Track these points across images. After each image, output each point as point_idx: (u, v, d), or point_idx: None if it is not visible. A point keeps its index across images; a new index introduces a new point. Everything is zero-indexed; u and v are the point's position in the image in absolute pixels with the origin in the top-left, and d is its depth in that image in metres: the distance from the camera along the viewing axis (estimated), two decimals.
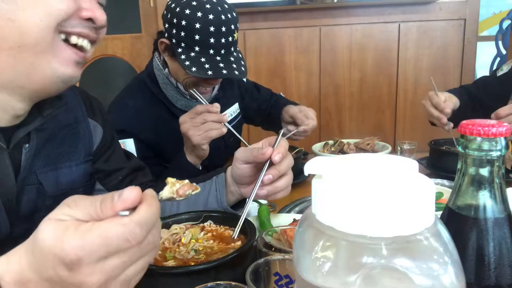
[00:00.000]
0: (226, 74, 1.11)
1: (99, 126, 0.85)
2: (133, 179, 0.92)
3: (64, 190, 0.75)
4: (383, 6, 2.34)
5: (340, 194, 0.29)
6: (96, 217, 0.41)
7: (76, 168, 0.78)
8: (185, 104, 1.25)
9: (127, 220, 0.40)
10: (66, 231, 0.39)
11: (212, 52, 1.11)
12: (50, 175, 0.73)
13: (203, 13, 1.08)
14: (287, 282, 0.54)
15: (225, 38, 1.11)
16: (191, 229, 0.73)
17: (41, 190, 0.71)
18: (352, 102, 2.49)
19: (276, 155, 0.73)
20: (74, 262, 0.38)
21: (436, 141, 1.39)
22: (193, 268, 0.59)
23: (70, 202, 0.42)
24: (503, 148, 0.39)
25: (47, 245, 0.39)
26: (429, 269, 0.28)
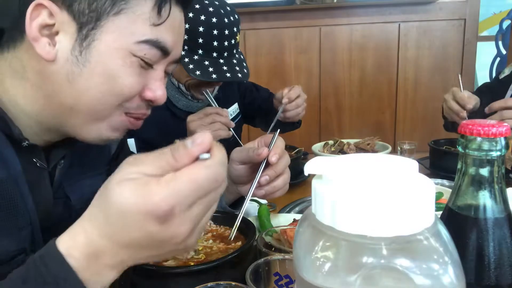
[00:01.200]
0: (230, 77, 1.11)
1: None
2: None
3: (85, 203, 0.75)
4: (383, 6, 2.34)
5: (340, 194, 0.29)
6: (170, 168, 0.40)
7: (98, 178, 0.78)
8: (186, 104, 1.25)
9: (211, 162, 0.40)
10: (147, 186, 0.38)
11: (215, 55, 1.11)
12: (75, 188, 0.72)
13: (206, 16, 1.08)
14: (287, 282, 0.54)
15: (228, 41, 1.11)
16: None
17: (67, 203, 0.71)
18: (352, 102, 2.50)
19: (273, 156, 0.73)
20: (167, 213, 0.38)
21: (436, 141, 1.39)
22: (193, 268, 0.59)
23: (133, 161, 0.41)
24: (503, 148, 0.39)
25: (131, 205, 0.38)
26: (429, 269, 0.28)
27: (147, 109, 0.65)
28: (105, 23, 0.55)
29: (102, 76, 0.57)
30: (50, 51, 0.55)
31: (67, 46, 0.55)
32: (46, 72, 0.57)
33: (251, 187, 0.73)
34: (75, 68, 0.56)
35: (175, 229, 0.39)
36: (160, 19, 0.58)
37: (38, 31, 0.55)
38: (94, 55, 0.56)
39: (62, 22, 0.55)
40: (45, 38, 0.55)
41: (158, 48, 0.59)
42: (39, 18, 0.54)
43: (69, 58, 0.55)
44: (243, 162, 0.78)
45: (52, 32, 0.55)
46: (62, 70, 0.56)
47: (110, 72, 0.57)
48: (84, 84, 0.57)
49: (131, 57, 0.57)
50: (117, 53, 0.56)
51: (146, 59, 0.59)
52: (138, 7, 0.56)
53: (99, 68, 0.56)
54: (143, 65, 0.59)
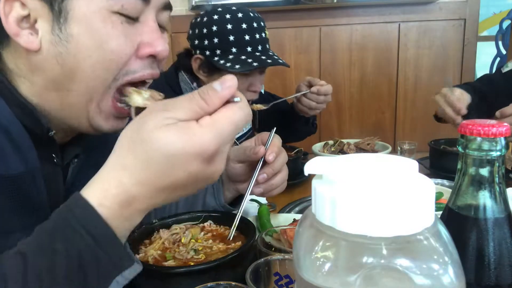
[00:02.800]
0: (271, 62, 1.10)
1: None
2: None
3: None
4: (383, 6, 2.34)
5: (340, 194, 0.29)
6: (203, 112, 0.43)
7: None
8: None
9: (242, 104, 0.44)
10: (191, 130, 0.41)
11: (250, 49, 1.10)
12: None
13: (231, 14, 1.09)
14: (287, 282, 0.54)
15: (259, 33, 1.11)
16: (191, 229, 0.73)
17: None
18: (352, 102, 2.49)
19: (270, 155, 0.73)
20: (214, 153, 0.41)
21: (436, 141, 1.39)
22: (193, 268, 0.59)
23: (164, 107, 0.43)
24: (503, 148, 0.39)
25: (179, 149, 0.40)
26: (429, 269, 0.28)
27: (152, 68, 0.61)
28: None
29: (88, 48, 0.54)
30: (34, 40, 0.54)
31: (47, 29, 0.54)
32: (36, 64, 0.56)
33: (249, 186, 0.73)
34: (61, 47, 0.54)
35: (217, 166, 0.43)
36: None
37: (17, 25, 0.54)
38: (74, 28, 0.54)
39: (35, 9, 0.54)
40: (26, 30, 0.54)
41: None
42: (13, 12, 0.53)
43: (52, 40, 0.54)
44: (241, 160, 0.78)
45: (31, 23, 0.54)
46: (49, 56, 0.55)
47: (95, 41, 0.54)
48: (73, 62, 0.55)
49: (110, 16, 0.55)
50: (95, 16, 0.54)
51: (127, 12, 0.55)
52: None
53: (82, 39, 0.54)
54: (127, 21, 0.56)
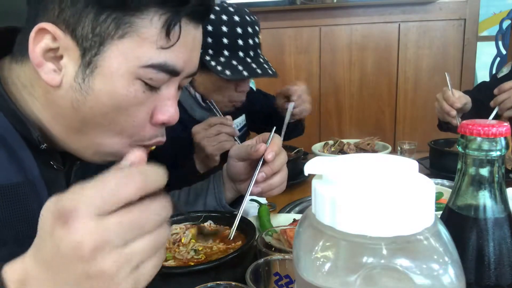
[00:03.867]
0: (261, 73, 1.09)
1: None
2: None
3: None
4: (383, 6, 2.34)
5: (340, 194, 0.29)
6: None
7: None
8: (201, 115, 1.20)
9: (126, 166, 0.36)
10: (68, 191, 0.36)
11: (241, 54, 1.09)
12: None
13: (228, 16, 1.07)
14: (287, 282, 0.54)
15: (252, 39, 1.10)
16: (191, 229, 0.73)
17: None
18: (352, 102, 2.50)
19: (269, 153, 0.73)
20: (69, 211, 0.33)
21: (436, 141, 1.39)
22: (193, 268, 0.59)
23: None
24: (503, 148, 0.39)
25: (46, 206, 0.35)
26: (429, 269, 0.28)
27: (162, 135, 0.61)
28: (108, 47, 0.52)
29: (107, 105, 0.54)
30: (55, 78, 0.53)
31: (71, 72, 0.53)
32: (52, 96, 0.55)
33: (249, 185, 0.74)
34: (79, 96, 0.54)
35: (80, 235, 0.33)
36: (169, 42, 0.54)
37: (42, 56, 0.52)
38: (97, 83, 0.53)
39: (66, 47, 0.53)
40: (50, 63, 0.53)
41: (165, 71, 0.55)
42: (42, 43, 0.52)
43: (72, 85, 0.53)
44: (242, 158, 0.78)
45: (56, 56, 0.53)
46: (67, 96, 0.54)
47: (113, 102, 0.54)
48: (88, 112, 0.54)
49: (134, 83, 0.54)
50: (121, 80, 0.53)
51: (151, 83, 0.55)
52: (144, 29, 0.52)
53: (103, 96, 0.54)
54: (148, 90, 0.55)
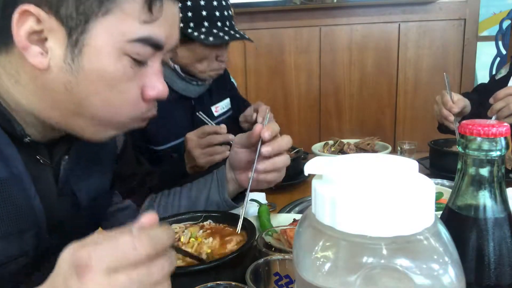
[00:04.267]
0: (239, 37, 1.21)
1: (122, 135, 0.85)
2: (143, 183, 0.92)
3: (94, 200, 0.75)
4: (383, 6, 2.34)
5: (340, 194, 0.29)
6: None
7: (104, 176, 0.78)
8: (182, 87, 1.27)
9: (135, 230, 0.39)
10: (82, 243, 0.39)
11: (219, 24, 1.20)
12: (82, 186, 0.72)
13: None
14: (287, 282, 0.54)
15: (227, 11, 1.22)
16: (190, 228, 0.73)
17: (75, 201, 0.70)
18: (352, 102, 2.50)
19: (264, 132, 0.73)
20: (83, 266, 0.37)
21: (436, 141, 1.39)
22: (193, 268, 0.59)
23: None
24: (503, 148, 0.39)
25: (63, 256, 0.39)
26: (429, 269, 0.28)
27: (155, 108, 0.64)
28: (93, 25, 0.53)
29: (98, 84, 0.55)
30: (42, 61, 0.53)
31: (59, 54, 0.54)
32: (42, 81, 0.55)
33: (251, 173, 0.74)
34: (71, 77, 0.54)
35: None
36: (151, 16, 0.56)
37: (27, 39, 0.52)
38: (87, 62, 0.54)
39: (50, 29, 0.53)
40: (36, 46, 0.53)
41: (151, 45, 0.57)
42: (25, 25, 0.52)
43: (62, 66, 0.54)
44: (244, 145, 0.79)
45: (41, 38, 0.53)
46: (58, 79, 0.54)
47: (104, 80, 0.55)
48: (83, 92, 0.55)
49: (122, 59, 0.55)
50: (109, 57, 0.55)
51: (139, 58, 0.57)
52: (127, 5, 0.54)
53: (93, 75, 0.55)
54: (136, 64, 0.57)
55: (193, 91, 1.29)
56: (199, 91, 1.31)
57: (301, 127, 2.54)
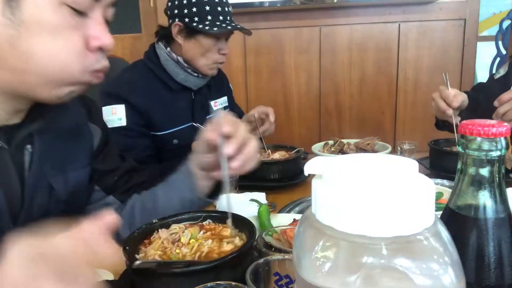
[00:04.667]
0: (240, 28, 1.35)
1: (99, 129, 0.85)
2: (128, 179, 0.92)
3: (72, 194, 0.75)
4: (383, 6, 2.34)
5: (340, 194, 0.29)
6: None
7: (81, 170, 0.78)
8: (184, 78, 1.39)
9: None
10: None
11: (221, 18, 1.34)
12: (59, 179, 0.72)
13: None
14: (287, 282, 0.54)
15: (227, 7, 1.35)
16: (190, 229, 0.73)
17: (53, 194, 0.71)
18: (352, 102, 2.49)
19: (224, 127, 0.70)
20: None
21: (436, 141, 1.39)
22: (193, 268, 0.59)
23: None
24: (503, 148, 0.39)
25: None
26: (429, 269, 0.28)
27: (105, 60, 0.64)
28: None
29: (41, 35, 0.55)
30: None
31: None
32: None
33: (222, 164, 0.71)
34: (12, 30, 0.54)
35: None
36: None
37: None
38: (26, 14, 0.54)
39: None
40: None
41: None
42: None
43: (2, 21, 0.54)
44: (207, 151, 0.77)
45: None
46: (0, 35, 0.54)
47: (46, 30, 0.56)
48: (27, 46, 0.55)
49: (61, 8, 0.56)
50: (47, 7, 0.55)
51: (77, 6, 0.57)
52: None
53: (34, 26, 0.55)
54: (76, 14, 0.58)
55: (193, 82, 1.40)
56: (199, 83, 1.43)
57: (301, 127, 2.54)
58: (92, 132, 0.83)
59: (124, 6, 2.71)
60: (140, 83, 1.36)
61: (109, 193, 0.87)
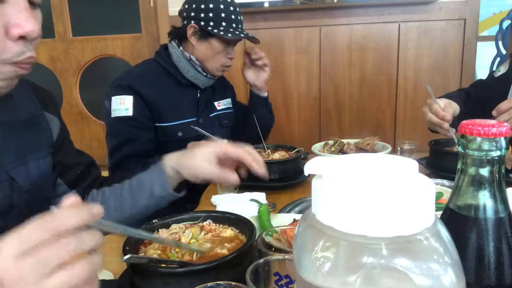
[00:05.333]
0: (252, 36, 1.47)
1: (56, 118, 0.84)
2: (88, 173, 0.93)
3: (36, 184, 0.75)
4: (383, 6, 2.34)
5: (340, 194, 0.29)
6: None
7: (43, 160, 0.77)
8: (193, 75, 1.47)
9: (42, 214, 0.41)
10: None
11: (234, 25, 1.43)
12: (20, 170, 0.72)
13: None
14: (287, 282, 0.54)
15: (239, 16, 1.46)
16: (191, 229, 0.73)
17: (15, 186, 0.70)
18: (352, 102, 2.49)
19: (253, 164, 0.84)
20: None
21: (436, 141, 1.39)
22: (193, 268, 0.59)
23: None
24: (503, 148, 0.39)
25: None
26: (429, 269, 0.28)
27: (31, 50, 0.60)
28: None
29: None
30: None
31: None
32: None
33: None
34: None
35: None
36: None
37: None
38: None
39: None
40: None
41: None
42: None
43: None
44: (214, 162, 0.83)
45: None
46: None
47: None
48: None
49: None
50: None
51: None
52: None
53: None
54: None
55: (201, 81, 1.48)
56: (206, 83, 1.50)
57: (301, 127, 2.54)
58: (49, 121, 0.82)
59: (124, 6, 2.72)
60: (150, 76, 1.43)
61: (72, 187, 0.88)
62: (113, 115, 1.34)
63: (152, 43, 2.57)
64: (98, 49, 2.65)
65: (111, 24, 2.73)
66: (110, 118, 1.34)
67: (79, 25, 2.70)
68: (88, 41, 2.66)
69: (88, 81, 2.73)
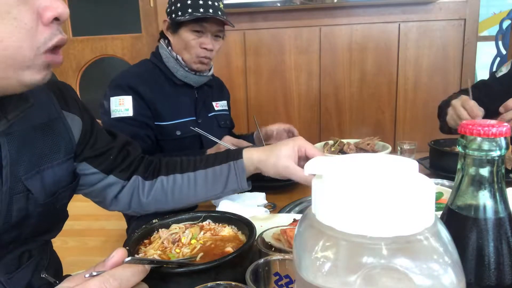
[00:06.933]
0: (221, 14, 1.36)
1: (77, 117, 0.80)
2: (125, 155, 0.91)
3: (52, 193, 0.73)
4: (383, 6, 2.34)
5: (340, 194, 0.29)
6: None
7: (58, 168, 0.74)
8: (183, 75, 1.45)
9: (104, 273, 0.45)
10: None
11: (202, 10, 1.36)
12: (35, 180, 0.69)
13: None
14: (287, 282, 0.54)
15: (209, 1, 1.36)
16: (191, 229, 0.73)
17: (31, 197, 0.68)
18: (352, 102, 2.50)
19: None
20: None
21: (436, 141, 1.39)
22: (193, 268, 0.59)
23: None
24: (503, 148, 0.39)
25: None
26: (429, 269, 0.28)
27: (60, 33, 0.59)
28: None
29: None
30: None
31: None
32: None
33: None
34: None
35: None
36: None
37: None
38: None
39: None
40: None
41: None
42: None
43: None
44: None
45: None
46: None
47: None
48: None
49: None
50: None
51: None
52: None
53: None
54: None
55: (192, 79, 1.46)
56: (198, 81, 1.48)
57: (301, 127, 2.54)
58: (69, 122, 0.78)
59: (124, 6, 2.72)
60: (147, 75, 1.43)
61: (108, 173, 0.86)
62: (113, 115, 1.34)
63: (152, 43, 2.58)
64: (98, 49, 2.65)
65: (111, 24, 2.73)
66: (110, 119, 1.34)
67: (79, 25, 2.71)
68: (88, 41, 2.66)
69: (88, 81, 2.74)
